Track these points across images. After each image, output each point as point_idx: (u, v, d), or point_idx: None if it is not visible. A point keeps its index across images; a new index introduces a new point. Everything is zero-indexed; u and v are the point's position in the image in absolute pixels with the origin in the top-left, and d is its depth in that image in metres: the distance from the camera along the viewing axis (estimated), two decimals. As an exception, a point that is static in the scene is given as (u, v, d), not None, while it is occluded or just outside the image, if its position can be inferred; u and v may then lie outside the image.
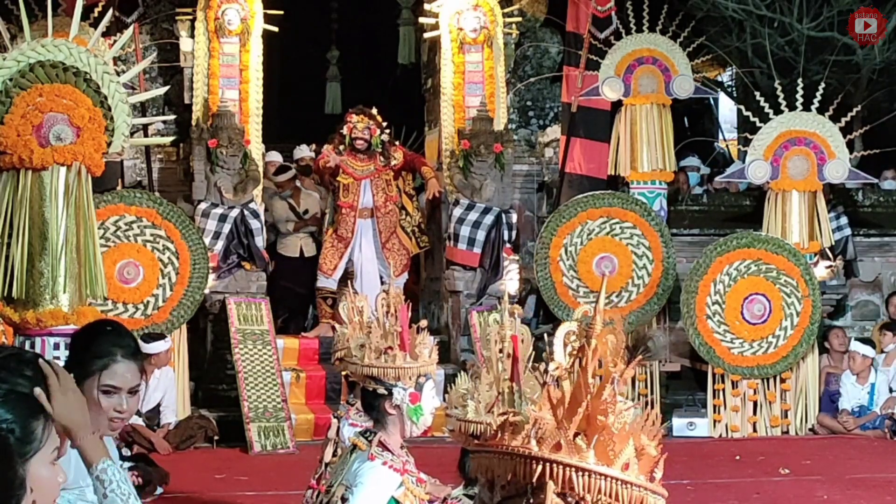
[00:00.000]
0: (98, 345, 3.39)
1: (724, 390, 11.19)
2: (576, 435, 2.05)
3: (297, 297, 12.56)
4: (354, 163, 11.43)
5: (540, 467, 2.03)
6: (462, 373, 4.63)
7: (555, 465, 2.03)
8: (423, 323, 4.07)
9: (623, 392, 2.10)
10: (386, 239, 11.49)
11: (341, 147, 11.39)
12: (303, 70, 16.90)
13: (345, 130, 11.41)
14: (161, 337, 10.09)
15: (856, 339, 11.59)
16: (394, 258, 11.32)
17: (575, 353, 2.12)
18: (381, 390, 3.92)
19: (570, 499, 2.04)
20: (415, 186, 12.47)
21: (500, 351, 3.28)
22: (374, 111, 11.55)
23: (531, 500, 2.07)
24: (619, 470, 2.04)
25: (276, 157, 12.74)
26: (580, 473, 2.02)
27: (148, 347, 9.93)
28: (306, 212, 12.44)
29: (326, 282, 11.51)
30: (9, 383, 2.32)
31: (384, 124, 11.56)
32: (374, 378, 3.93)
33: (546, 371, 2.14)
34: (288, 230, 12.38)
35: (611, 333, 2.13)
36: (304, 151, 13.30)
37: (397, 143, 12.33)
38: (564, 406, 2.06)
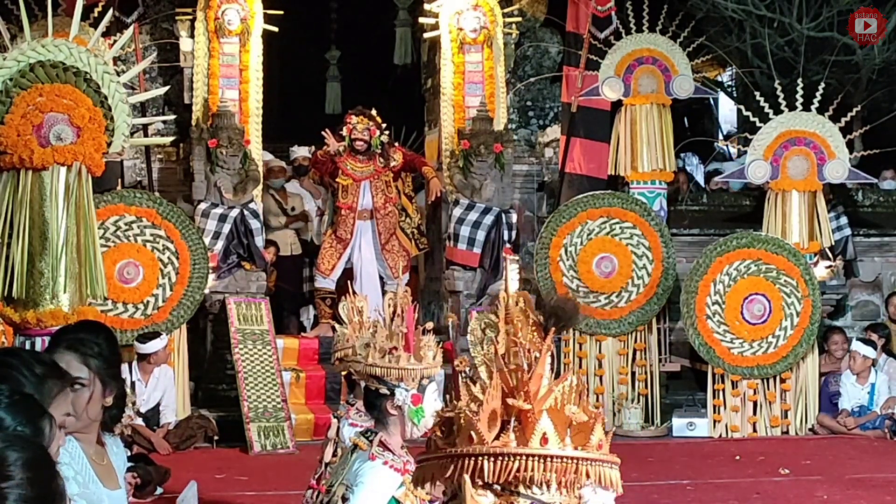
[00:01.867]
0: (53, 336, 3.43)
1: (724, 390, 11.18)
2: (505, 423, 2.02)
3: (288, 297, 12.57)
4: (354, 164, 11.41)
5: (452, 465, 2.01)
6: (463, 374, 4.63)
7: (465, 458, 2.00)
8: (429, 325, 4.06)
9: (546, 364, 2.06)
10: (385, 241, 11.46)
11: (340, 148, 11.37)
12: (302, 70, 16.91)
13: (344, 131, 11.38)
14: (156, 336, 10.08)
15: (857, 338, 11.58)
16: (393, 259, 11.29)
17: (488, 340, 2.10)
18: (384, 390, 3.91)
19: (496, 487, 2.01)
20: (414, 188, 12.47)
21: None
22: (374, 112, 11.53)
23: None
24: (538, 445, 2.00)
25: (268, 156, 12.75)
26: (491, 460, 1.99)
27: (143, 347, 9.95)
28: (293, 209, 12.52)
29: (324, 282, 11.50)
30: (10, 384, 2.32)
31: (384, 126, 11.55)
32: (377, 378, 3.92)
33: (454, 367, 2.15)
34: (279, 223, 12.45)
35: (520, 313, 2.10)
36: (300, 152, 13.31)
37: (397, 144, 12.31)
38: (484, 395, 2.04)
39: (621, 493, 2.09)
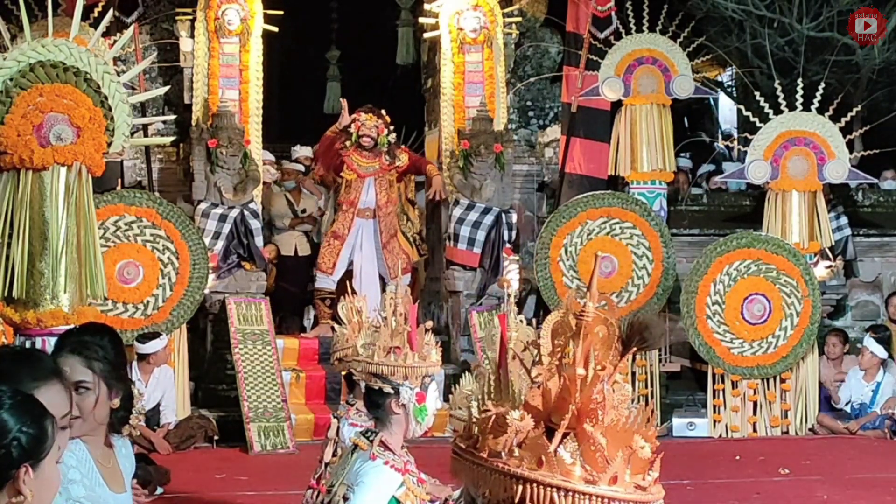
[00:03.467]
0: (58, 339, 3.44)
1: (724, 390, 11.18)
2: (565, 434, 1.91)
3: (291, 297, 12.55)
4: (359, 159, 11.41)
5: (520, 487, 1.89)
6: (466, 373, 4.63)
7: (535, 485, 1.88)
8: (429, 324, 4.06)
9: (619, 380, 1.94)
10: (386, 241, 11.46)
11: (347, 143, 11.37)
12: (303, 70, 16.92)
13: (352, 128, 11.40)
14: (156, 336, 10.08)
15: (870, 335, 11.51)
16: (392, 260, 11.25)
17: (560, 348, 1.96)
18: (388, 389, 3.91)
19: None
20: (416, 189, 12.47)
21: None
22: (383, 112, 11.55)
23: None
24: (607, 485, 1.89)
25: (268, 156, 12.76)
26: (562, 493, 1.87)
27: (143, 347, 9.95)
28: (304, 210, 12.49)
29: (325, 281, 11.49)
30: (10, 384, 2.32)
31: (391, 126, 11.56)
32: (380, 376, 3.92)
33: (529, 372, 1.96)
34: (284, 225, 12.43)
35: (602, 325, 1.95)
36: (301, 151, 13.30)
37: (403, 146, 12.31)
38: (549, 410, 1.92)
39: None
